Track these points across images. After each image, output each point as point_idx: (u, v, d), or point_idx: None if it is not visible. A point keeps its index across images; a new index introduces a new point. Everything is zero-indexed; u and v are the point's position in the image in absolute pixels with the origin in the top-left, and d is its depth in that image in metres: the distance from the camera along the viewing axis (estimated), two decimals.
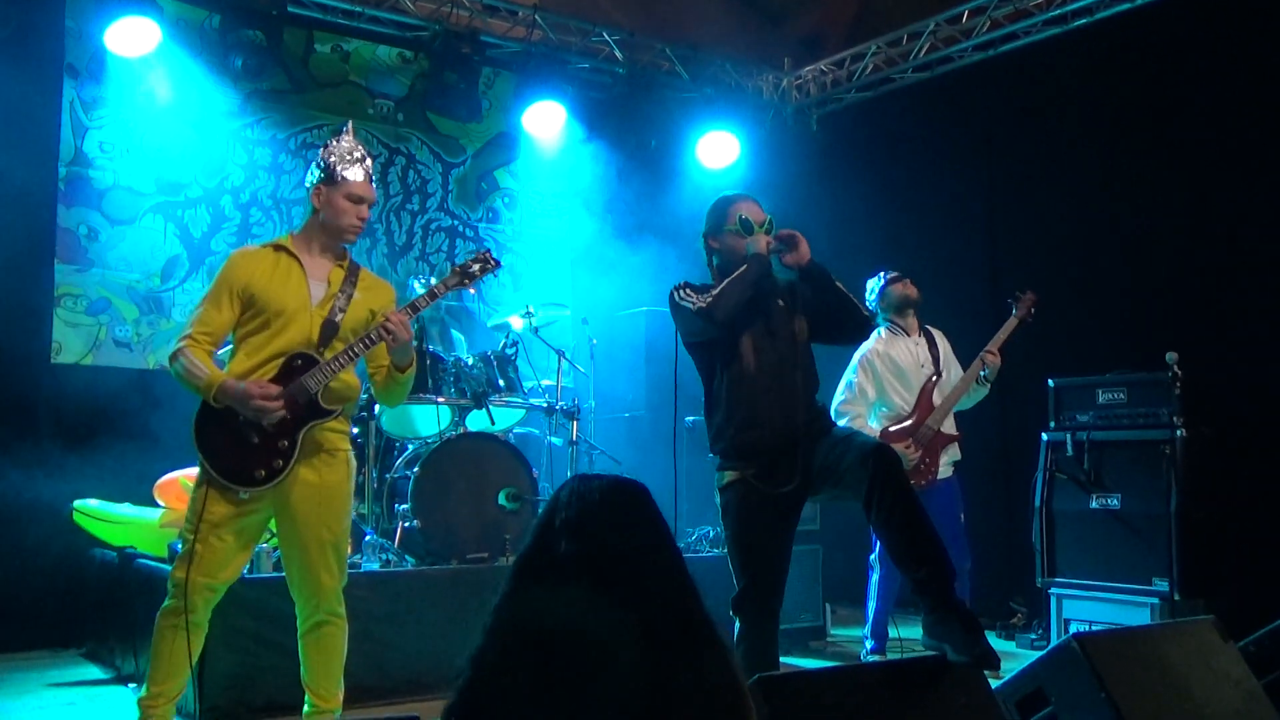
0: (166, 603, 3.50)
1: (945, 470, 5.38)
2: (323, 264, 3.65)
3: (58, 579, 5.97)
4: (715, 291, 3.66)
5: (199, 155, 6.95)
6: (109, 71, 6.61)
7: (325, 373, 3.49)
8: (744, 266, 3.68)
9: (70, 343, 6.47)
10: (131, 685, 4.93)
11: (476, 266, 3.88)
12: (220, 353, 3.65)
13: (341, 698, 3.74)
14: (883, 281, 5.58)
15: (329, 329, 3.55)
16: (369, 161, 3.73)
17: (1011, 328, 5.45)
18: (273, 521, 3.65)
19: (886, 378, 5.36)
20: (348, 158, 3.66)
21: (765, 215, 3.86)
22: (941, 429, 5.35)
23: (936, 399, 5.37)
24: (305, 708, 3.72)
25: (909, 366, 5.40)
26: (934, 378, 5.43)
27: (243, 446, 3.44)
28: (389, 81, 7.75)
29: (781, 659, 5.65)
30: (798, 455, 3.60)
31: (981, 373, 5.39)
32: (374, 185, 3.75)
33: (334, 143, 3.71)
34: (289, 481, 3.50)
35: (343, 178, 3.63)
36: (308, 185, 3.70)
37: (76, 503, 5.67)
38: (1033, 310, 5.50)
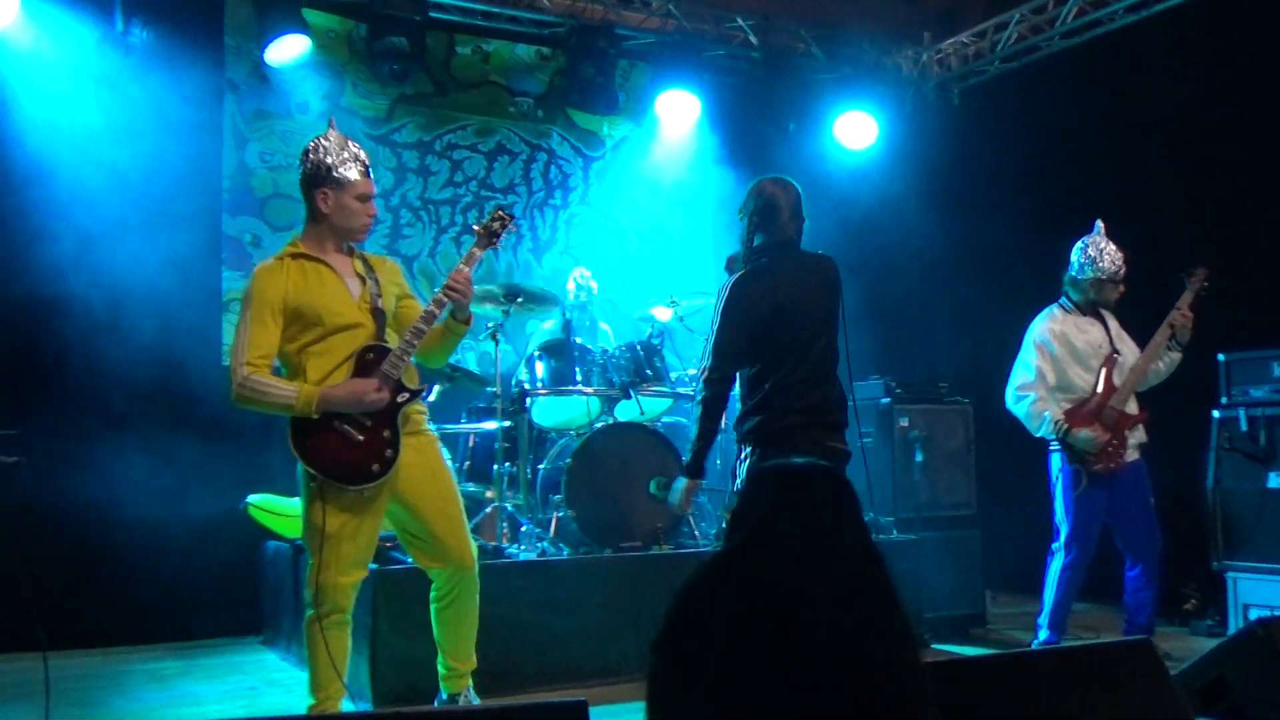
0: (309, 613, 3.56)
1: (1132, 453, 5.13)
2: (343, 260, 3.70)
3: (236, 570, 6.31)
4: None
5: None
6: (266, 85, 6.94)
7: (402, 356, 3.58)
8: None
9: None
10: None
11: (497, 224, 3.83)
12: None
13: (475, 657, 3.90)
14: (1099, 273, 5.18)
15: (379, 316, 3.64)
16: (364, 155, 3.73)
17: (1188, 301, 5.18)
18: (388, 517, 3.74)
19: (1065, 359, 5.14)
20: (343, 155, 3.65)
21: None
22: (1125, 409, 5.13)
23: (1117, 379, 5.15)
24: (441, 669, 3.87)
25: (1086, 346, 5.16)
26: (1113, 356, 5.20)
27: (350, 447, 3.51)
28: (528, 79, 7.89)
29: (939, 646, 5.61)
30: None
31: (1170, 339, 5.12)
32: (372, 179, 3.74)
33: (322, 140, 3.68)
34: (398, 466, 3.58)
35: (347, 179, 3.63)
36: (301, 186, 3.70)
37: (249, 497, 5.96)
38: (1206, 284, 5.20)
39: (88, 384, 6.13)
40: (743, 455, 3.94)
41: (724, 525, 5.50)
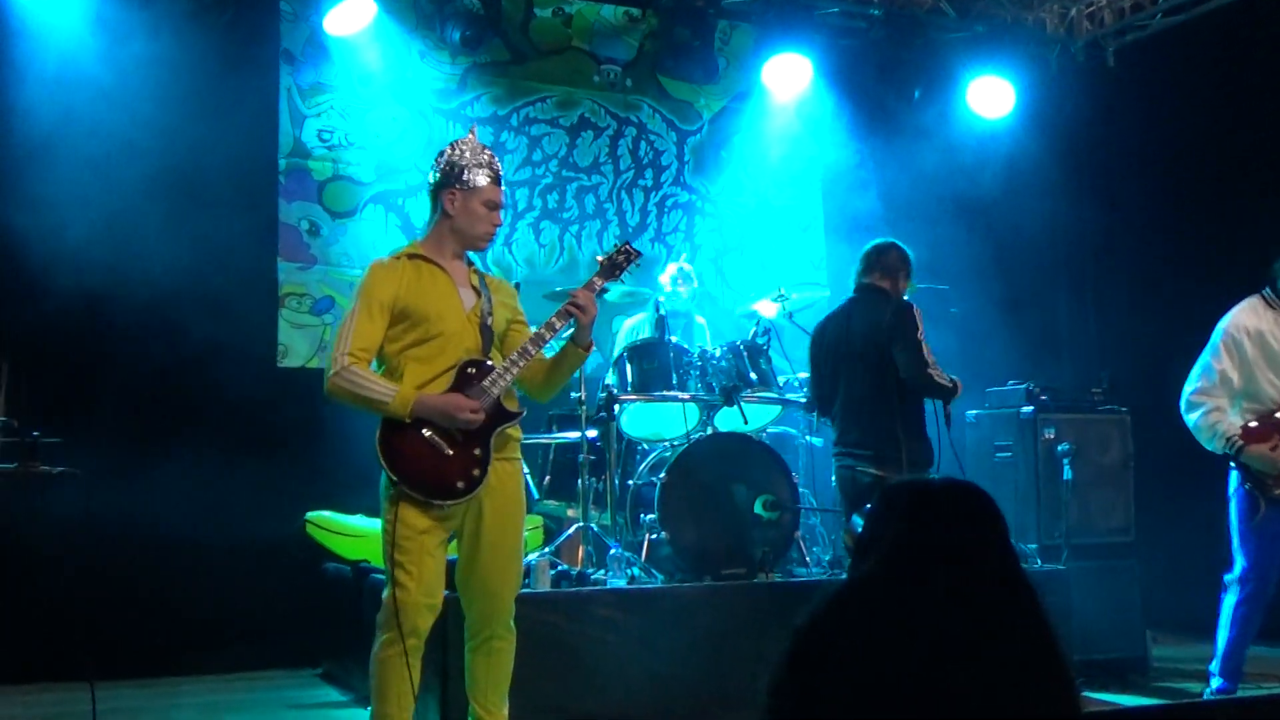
0: (382, 636, 3.71)
1: None
2: (460, 269, 3.96)
3: (292, 594, 6.38)
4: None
5: (418, 138, 7.29)
6: (325, 55, 7.04)
7: (505, 375, 3.80)
8: None
9: (297, 345, 6.93)
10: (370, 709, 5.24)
11: (621, 258, 4.14)
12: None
13: (507, 712, 3.99)
14: None
15: (487, 334, 3.88)
16: (497, 163, 4.02)
17: None
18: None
19: (1257, 362, 4.92)
20: (477, 160, 3.94)
21: None
22: None
23: None
24: (469, 719, 4.01)
25: None
26: None
27: (438, 459, 3.71)
28: (616, 44, 7.89)
29: (1092, 695, 5.49)
30: None
31: None
32: (503, 188, 4.03)
33: (459, 144, 3.99)
34: (482, 489, 3.77)
35: (476, 184, 3.90)
36: (431, 186, 3.99)
37: (309, 514, 6.06)
38: None
39: (132, 388, 6.27)
40: None
41: (845, 550, 5.46)
